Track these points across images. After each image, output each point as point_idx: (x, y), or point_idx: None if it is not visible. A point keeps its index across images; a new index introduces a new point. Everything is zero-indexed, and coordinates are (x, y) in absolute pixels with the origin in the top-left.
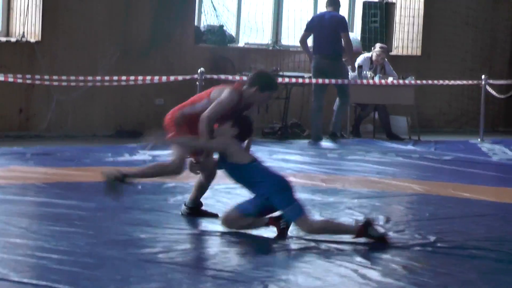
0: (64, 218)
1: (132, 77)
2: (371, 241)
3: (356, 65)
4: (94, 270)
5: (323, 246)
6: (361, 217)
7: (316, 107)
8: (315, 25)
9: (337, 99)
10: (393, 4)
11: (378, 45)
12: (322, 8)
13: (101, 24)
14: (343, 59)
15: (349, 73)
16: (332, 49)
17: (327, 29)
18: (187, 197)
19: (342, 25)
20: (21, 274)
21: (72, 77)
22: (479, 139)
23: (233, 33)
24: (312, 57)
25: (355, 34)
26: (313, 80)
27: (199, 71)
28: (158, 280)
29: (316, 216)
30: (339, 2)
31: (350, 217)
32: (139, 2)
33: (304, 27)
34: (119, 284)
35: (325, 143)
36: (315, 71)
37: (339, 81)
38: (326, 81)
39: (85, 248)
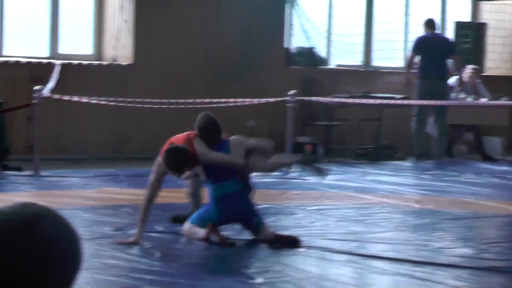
0: (157, 239)
1: (223, 100)
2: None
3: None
4: None
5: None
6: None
7: (420, 126)
8: (425, 47)
9: (432, 121)
10: (485, 24)
11: (469, 67)
12: (414, 31)
13: (192, 48)
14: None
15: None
16: (442, 71)
17: (438, 51)
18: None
19: (454, 48)
20: None
21: (164, 100)
22: None
23: (324, 55)
24: (414, 77)
25: None
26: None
27: (290, 93)
28: None
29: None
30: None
31: (442, 238)
32: (229, 26)
33: (412, 47)
34: None
35: (422, 164)
36: (424, 92)
37: (431, 102)
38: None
39: (180, 268)
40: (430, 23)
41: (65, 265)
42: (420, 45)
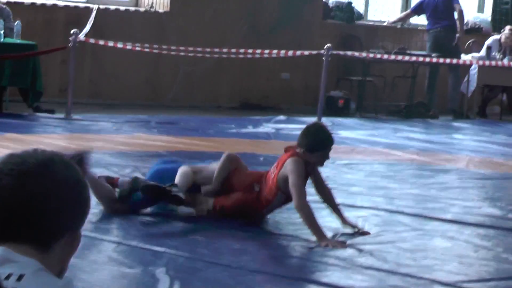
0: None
1: (258, 51)
2: None
3: (485, 46)
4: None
5: None
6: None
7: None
8: (426, 8)
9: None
10: None
11: (507, 27)
12: None
13: None
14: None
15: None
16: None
17: (442, 2)
18: None
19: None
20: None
21: (199, 49)
22: None
23: (361, 10)
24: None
25: (485, 15)
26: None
27: (325, 47)
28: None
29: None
30: None
31: (470, 198)
32: None
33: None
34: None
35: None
36: (435, 45)
37: (467, 61)
38: (458, 61)
39: (204, 217)
40: None
41: (74, 207)
42: (420, 8)
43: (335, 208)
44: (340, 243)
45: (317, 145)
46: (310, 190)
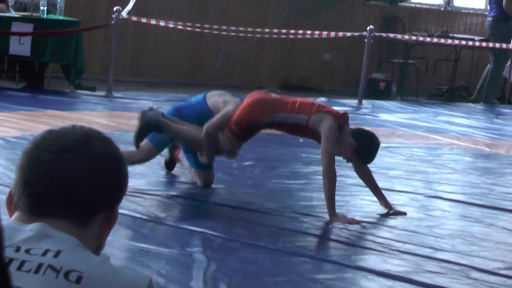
0: (224, 167)
1: (300, 31)
2: None
3: None
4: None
5: None
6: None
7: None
8: None
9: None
10: None
11: None
12: None
13: None
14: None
15: None
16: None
17: None
18: None
19: None
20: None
21: (241, 29)
22: None
23: None
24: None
25: None
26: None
27: (368, 28)
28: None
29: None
30: None
31: (509, 184)
32: None
33: None
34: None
35: (496, 108)
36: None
37: (511, 46)
38: (501, 45)
39: (243, 197)
40: None
41: (112, 184)
42: None
43: (375, 188)
44: (353, 220)
45: (365, 155)
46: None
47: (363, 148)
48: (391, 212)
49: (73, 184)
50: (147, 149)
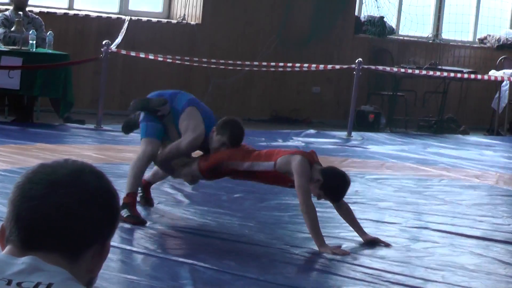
0: (213, 200)
1: (289, 64)
2: None
3: None
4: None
5: None
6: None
7: None
8: None
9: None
10: None
11: None
12: (485, 4)
13: (262, 12)
14: None
15: None
16: None
17: None
18: None
19: None
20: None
21: (230, 62)
22: None
23: (394, 25)
24: None
25: None
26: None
27: (356, 61)
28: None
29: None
30: None
31: (499, 214)
32: None
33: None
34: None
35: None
36: None
37: (499, 77)
38: (489, 77)
39: (233, 229)
40: None
41: (104, 217)
42: None
43: (354, 223)
44: (341, 250)
45: (334, 191)
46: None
47: (330, 185)
48: (377, 243)
49: (65, 218)
50: (149, 142)
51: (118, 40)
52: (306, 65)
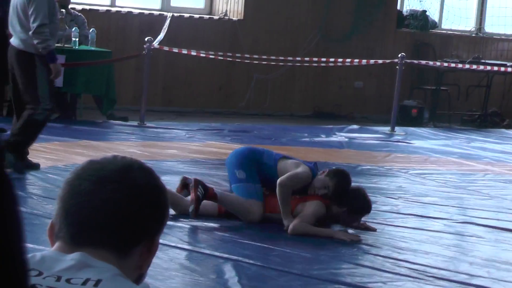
0: None
1: (332, 59)
2: None
3: None
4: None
5: None
6: None
7: None
8: None
9: None
10: None
11: None
12: None
13: (303, 7)
14: None
15: None
16: None
17: None
18: None
19: None
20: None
21: (272, 57)
22: None
23: (436, 19)
24: None
25: None
26: None
27: (399, 55)
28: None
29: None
30: None
31: None
32: None
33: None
34: None
35: None
36: None
37: None
38: None
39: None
40: None
41: (152, 213)
42: None
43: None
44: (355, 236)
45: (359, 210)
46: None
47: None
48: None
49: (113, 214)
50: (254, 204)
51: (161, 36)
52: (348, 60)
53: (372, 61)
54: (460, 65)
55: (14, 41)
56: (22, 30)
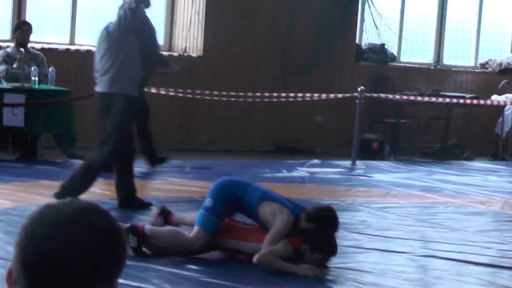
0: None
1: (292, 94)
2: None
3: None
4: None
5: None
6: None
7: None
8: None
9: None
10: None
11: None
12: (485, 29)
13: (262, 41)
14: None
15: None
16: None
17: None
18: None
19: None
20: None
21: (232, 93)
22: None
23: (395, 52)
24: None
25: None
26: None
27: (359, 89)
28: None
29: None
30: None
31: (506, 240)
32: (301, 20)
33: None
34: None
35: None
36: None
37: (501, 102)
38: (491, 102)
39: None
40: None
41: (111, 257)
42: None
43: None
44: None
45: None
46: None
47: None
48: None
49: (70, 259)
50: (200, 236)
51: None
52: (308, 94)
53: (332, 95)
54: (419, 98)
55: None
56: None
